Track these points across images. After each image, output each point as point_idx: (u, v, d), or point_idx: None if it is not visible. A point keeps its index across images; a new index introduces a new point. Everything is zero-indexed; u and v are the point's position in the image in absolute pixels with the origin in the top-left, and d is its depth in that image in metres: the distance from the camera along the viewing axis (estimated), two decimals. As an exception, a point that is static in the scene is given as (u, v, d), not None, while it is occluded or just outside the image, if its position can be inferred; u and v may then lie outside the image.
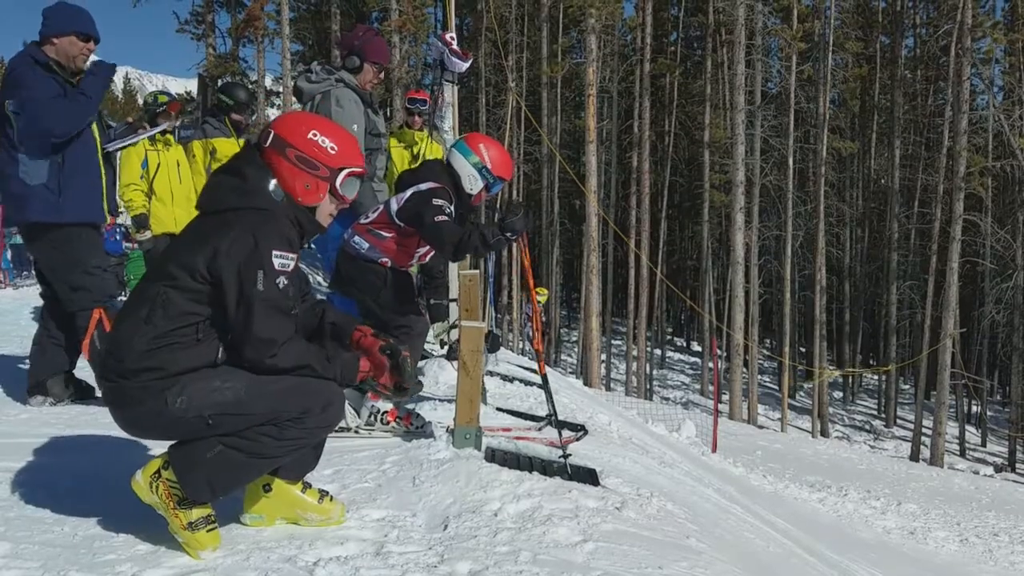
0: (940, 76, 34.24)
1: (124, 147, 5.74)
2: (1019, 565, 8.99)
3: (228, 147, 7.33)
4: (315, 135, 2.85)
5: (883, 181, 35.64)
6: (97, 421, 4.46)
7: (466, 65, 5.29)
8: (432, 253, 4.71)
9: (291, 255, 2.72)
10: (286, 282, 2.69)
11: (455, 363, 5.18)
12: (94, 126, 4.87)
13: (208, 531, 2.77)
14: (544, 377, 4.59)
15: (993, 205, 31.69)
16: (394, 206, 4.55)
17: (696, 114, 34.53)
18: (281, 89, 28.99)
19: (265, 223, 2.70)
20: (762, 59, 29.09)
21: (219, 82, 25.83)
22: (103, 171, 4.97)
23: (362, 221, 4.67)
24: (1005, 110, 26.97)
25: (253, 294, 2.64)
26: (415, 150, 7.03)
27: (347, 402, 4.53)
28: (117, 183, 6.13)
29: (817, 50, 30.02)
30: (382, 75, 5.95)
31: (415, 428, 4.47)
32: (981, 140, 29.60)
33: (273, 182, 2.79)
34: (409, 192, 4.55)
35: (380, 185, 6.04)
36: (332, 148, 2.86)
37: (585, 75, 26.14)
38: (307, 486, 3.10)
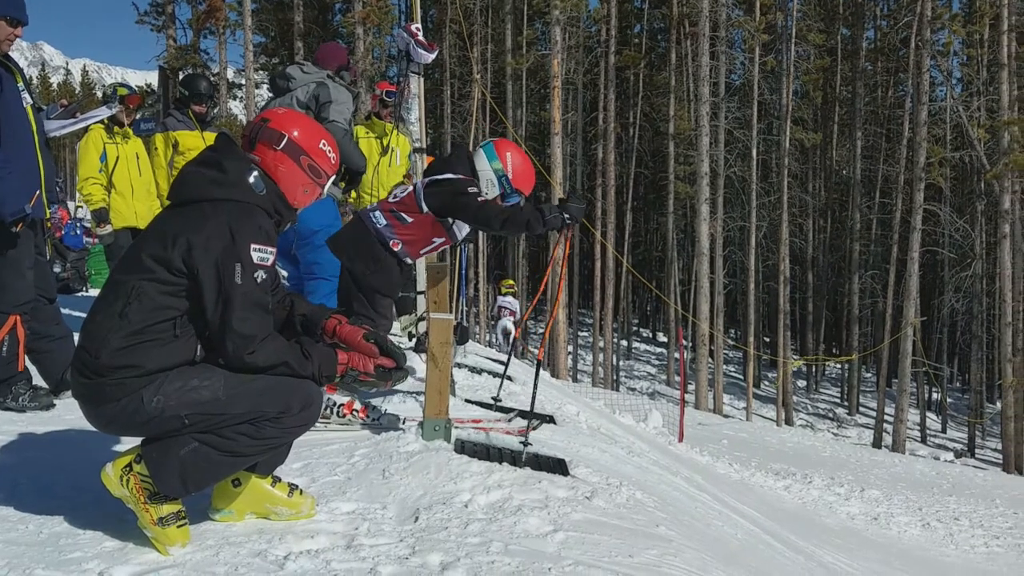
0: (900, 68, 34.67)
1: (67, 132, 5.58)
2: (979, 548, 9.15)
3: (191, 140, 7.24)
4: (324, 145, 2.96)
5: (845, 172, 36.03)
6: (61, 418, 4.40)
7: (432, 56, 5.27)
8: (443, 246, 4.68)
9: (269, 248, 2.71)
10: (264, 276, 2.68)
11: (423, 355, 5.18)
12: (29, 111, 4.64)
13: (178, 527, 2.75)
14: (535, 380, 4.59)
15: (952, 195, 32.20)
16: (420, 189, 4.51)
17: (661, 106, 34.68)
18: (244, 81, 28.70)
19: (243, 215, 2.68)
20: (726, 51, 29.24)
21: (180, 74, 25.52)
22: (41, 160, 4.70)
23: (389, 200, 4.63)
24: (963, 101, 27.35)
25: (232, 288, 2.61)
26: (384, 141, 7.02)
27: None
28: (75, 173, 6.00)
29: (780, 42, 30.26)
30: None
31: (372, 420, 4.44)
32: (940, 131, 30.01)
33: (254, 174, 2.77)
34: (436, 179, 4.50)
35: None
36: (333, 158, 2.98)
37: (550, 67, 26.17)
38: (277, 480, 3.09)
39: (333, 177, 3.01)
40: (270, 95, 6.37)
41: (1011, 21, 25.66)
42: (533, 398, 4.42)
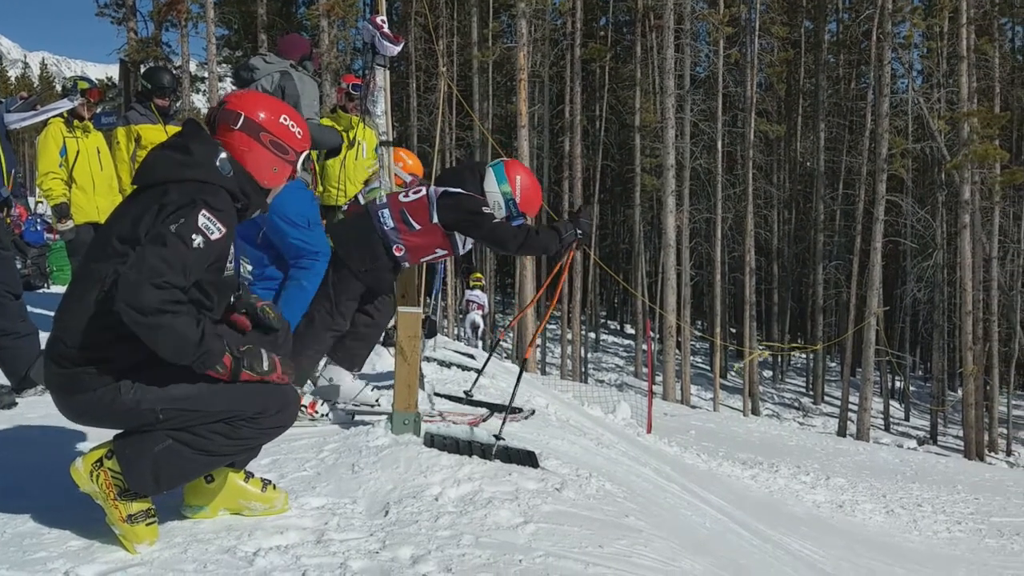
0: (862, 60, 35.04)
1: (27, 124, 5.47)
2: (941, 534, 9.30)
3: (154, 134, 7.14)
4: (286, 119, 2.87)
5: (809, 163, 36.36)
6: (23, 416, 4.34)
7: (397, 48, 5.22)
8: (444, 258, 4.66)
9: (220, 226, 2.59)
10: (201, 245, 2.53)
11: (392, 349, 5.17)
12: None
13: (147, 525, 2.71)
14: (518, 377, 4.62)
15: (914, 186, 32.60)
16: (434, 199, 4.46)
17: (627, 98, 34.76)
18: (207, 74, 28.35)
19: (208, 192, 2.62)
20: (691, 43, 29.36)
21: (141, 67, 25.14)
22: (1, 151, 4.61)
23: (401, 198, 4.57)
24: (924, 93, 27.69)
25: (164, 230, 2.51)
26: (351, 134, 6.98)
27: None
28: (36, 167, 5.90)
29: (744, 34, 30.44)
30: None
31: (320, 416, 4.41)
32: (902, 122, 30.35)
33: (222, 156, 2.72)
34: (450, 191, 4.46)
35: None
36: (299, 133, 2.90)
37: (516, 60, 26.12)
38: (250, 476, 3.06)
39: (304, 154, 2.94)
40: (234, 88, 6.30)
41: (970, 14, 26.03)
42: (514, 394, 4.48)
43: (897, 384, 35.05)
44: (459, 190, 4.44)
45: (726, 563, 3.93)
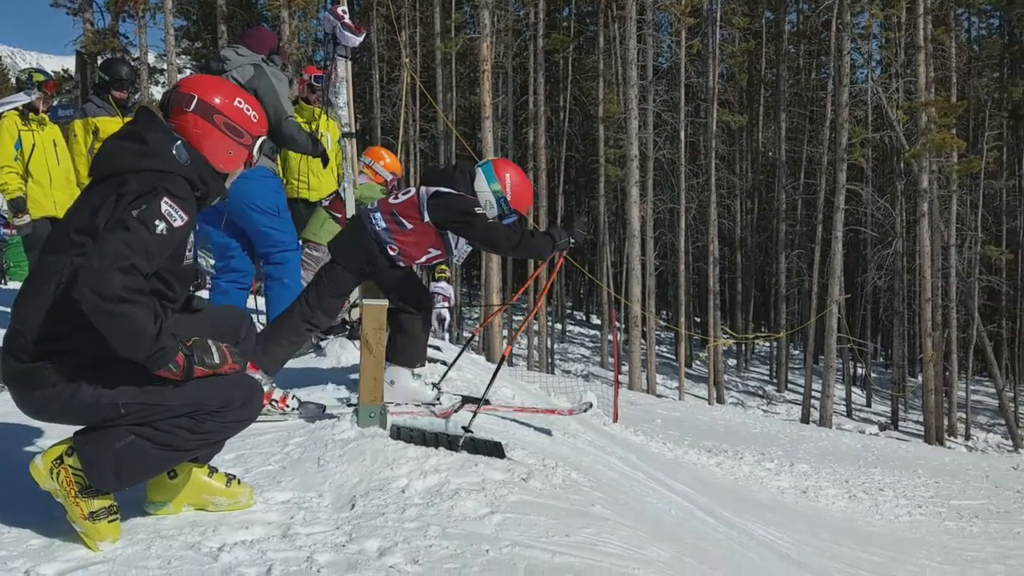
0: (822, 50, 35.41)
1: None
2: (903, 517, 9.44)
3: (112, 126, 7.02)
4: (240, 102, 2.84)
5: (771, 153, 36.68)
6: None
7: (359, 39, 5.20)
8: (438, 259, 4.65)
9: (182, 214, 2.56)
10: (164, 231, 2.50)
11: (357, 342, 5.14)
12: None
13: (109, 522, 2.67)
14: (496, 371, 4.67)
15: (873, 175, 33.01)
16: (424, 198, 4.44)
17: (590, 89, 34.82)
18: (165, 66, 27.99)
19: (165, 180, 2.58)
20: (653, 34, 29.50)
21: (98, 59, 24.75)
22: None
23: (390, 200, 4.55)
24: (883, 83, 28.04)
25: (125, 216, 2.47)
26: (313, 126, 6.93)
27: None
28: None
29: (705, 25, 30.61)
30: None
31: (292, 410, 4.39)
32: (861, 112, 30.73)
33: (177, 144, 2.68)
34: (442, 191, 4.43)
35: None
36: (254, 116, 2.87)
37: (479, 51, 26.05)
38: (214, 470, 3.03)
39: (261, 138, 2.90)
40: None
41: (927, 4, 26.39)
42: (489, 385, 4.54)
43: (859, 371, 35.54)
44: (450, 190, 4.44)
45: (691, 549, 3.97)
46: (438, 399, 4.82)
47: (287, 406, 4.37)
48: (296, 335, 4.56)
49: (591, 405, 5.73)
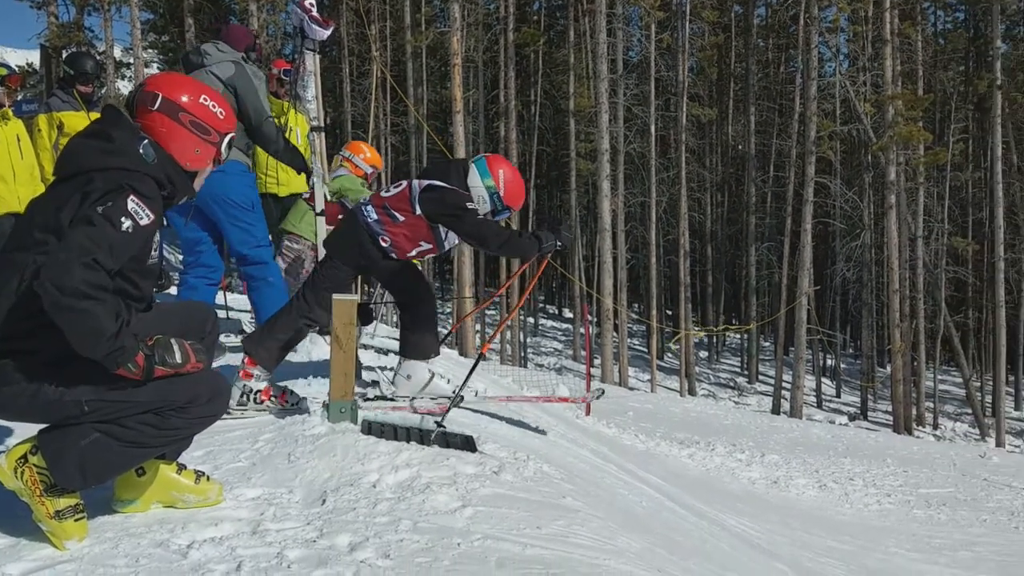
0: (790, 44, 35.68)
1: None
2: (872, 506, 9.55)
3: (77, 121, 6.95)
4: (206, 100, 2.80)
5: (740, 147, 36.91)
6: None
7: (327, 33, 5.16)
8: (429, 253, 4.65)
9: (149, 212, 2.54)
10: (130, 229, 2.48)
11: (327, 337, 5.12)
12: None
13: (76, 520, 2.64)
14: (472, 368, 4.71)
15: (842, 168, 33.33)
16: (416, 191, 4.46)
17: (561, 83, 34.84)
18: (132, 60, 27.66)
19: (132, 179, 2.55)
20: (623, 28, 29.50)
21: (63, 53, 24.40)
22: None
23: (382, 194, 4.58)
24: (850, 76, 28.27)
25: (91, 212, 2.44)
26: (282, 120, 6.89)
27: None
28: None
29: (675, 19, 30.71)
30: None
31: (291, 406, 4.40)
32: (829, 106, 30.98)
33: (144, 143, 2.65)
34: (435, 184, 4.46)
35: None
36: (220, 113, 2.83)
37: (450, 44, 25.96)
38: (182, 467, 3.01)
39: (228, 135, 2.87)
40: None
41: (893, -2, 26.66)
42: (465, 382, 4.55)
43: (828, 362, 35.91)
44: (443, 184, 4.47)
45: (662, 540, 3.99)
46: (455, 392, 4.84)
47: (286, 402, 4.38)
48: (294, 331, 4.56)
49: (603, 392, 5.84)
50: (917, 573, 6.70)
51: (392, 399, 4.73)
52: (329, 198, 6.73)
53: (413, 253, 4.59)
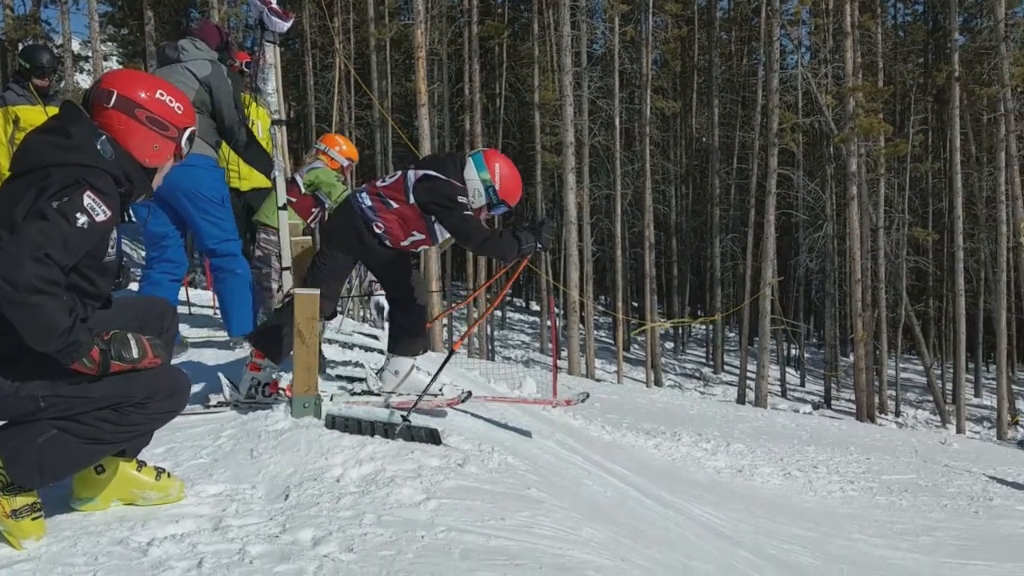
0: (753, 37, 35.91)
1: None
2: (836, 493, 9.68)
3: (33, 115, 6.82)
4: (163, 95, 2.76)
5: (704, 139, 37.11)
6: None
7: (287, 25, 5.10)
8: (422, 245, 4.63)
9: (106, 208, 2.51)
10: (85, 225, 2.45)
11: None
12: None
13: (33, 519, 2.61)
14: (443, 364, 4.70)
15: (804, 159, 33.63)
16: (411, 180, 4.49)
17: (525, 76, 34.79)
18: (90, 54, 27.23)
19: (90, 175, 2.51)
20: (587, 20, 29.56)
21: (19, 46, 23.97)
22: None
23: (377, 183, 4.61)
24: (812, 69, 28.52)
25: (45, 206, 2.40)
26: (246, 113, 6.83)
27: (224, 376, 4.44)
28: None
29: (639, 11, 30.79)
30: None
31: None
32: (792, 98, 31.22)
33: (102, 139, 2.60)
34: (430, 175, 4.48)
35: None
36: (178, 108, 2.79)
37: (414, 37, 25.83)
38: (142, 464, 2.98)
39: (188, 130, 2.83)
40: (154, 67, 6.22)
41: (853, -9, 26.90)
42: (435, 377, 4.53)
43: (793, 352, 36.28)
44: (438, 175, 4.49)
45: (627, 530, 4.02)
46: (440, 391, 4.86)
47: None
48: None
49: (587, 396, 5.85)
50: (879, 558, 6.80)
51: (379, 394, 4.73)
52: (303, 191, 6.73)
53: (407, 242, 4.62)
